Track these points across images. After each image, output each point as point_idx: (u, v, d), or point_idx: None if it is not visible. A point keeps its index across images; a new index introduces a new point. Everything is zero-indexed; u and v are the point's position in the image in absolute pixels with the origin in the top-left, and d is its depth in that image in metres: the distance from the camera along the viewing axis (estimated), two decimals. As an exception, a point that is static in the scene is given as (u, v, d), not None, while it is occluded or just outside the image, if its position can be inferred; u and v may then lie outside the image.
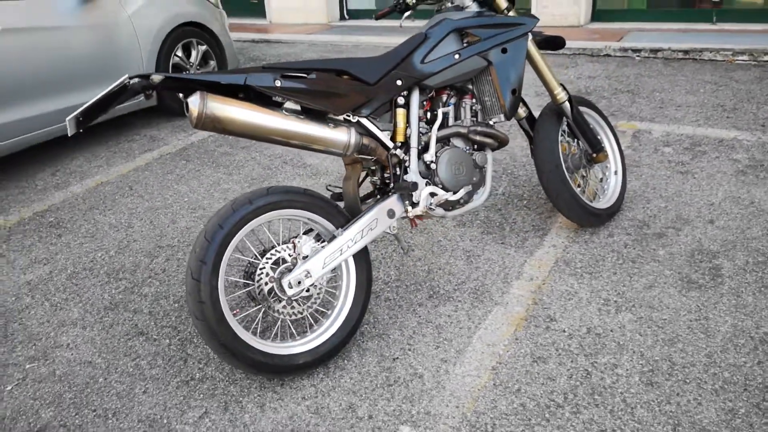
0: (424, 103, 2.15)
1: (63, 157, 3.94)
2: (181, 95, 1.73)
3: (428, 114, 2.17)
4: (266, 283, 1.84)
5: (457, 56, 2.11)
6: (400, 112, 2.04)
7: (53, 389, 1.94)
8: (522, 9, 6.98)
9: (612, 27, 6.29)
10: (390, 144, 2.01)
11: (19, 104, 3.43)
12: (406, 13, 2.46)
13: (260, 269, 1.83)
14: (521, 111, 2.54)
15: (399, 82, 2.00)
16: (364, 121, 1.95)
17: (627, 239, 2.53)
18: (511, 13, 2.31)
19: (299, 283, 1.83)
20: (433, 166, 2.09)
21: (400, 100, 2.04)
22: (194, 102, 1.66)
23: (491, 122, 2.26)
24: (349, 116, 1.92)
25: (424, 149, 2.11)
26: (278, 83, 1.77)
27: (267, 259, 1.85)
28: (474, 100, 2.24)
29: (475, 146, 2.24)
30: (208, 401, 1.85)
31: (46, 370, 2.03)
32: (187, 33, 4.48)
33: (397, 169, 2.05)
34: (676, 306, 2.11)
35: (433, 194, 2.07)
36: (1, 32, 3.28)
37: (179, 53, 4.47)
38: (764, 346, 1.90)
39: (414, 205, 2.06)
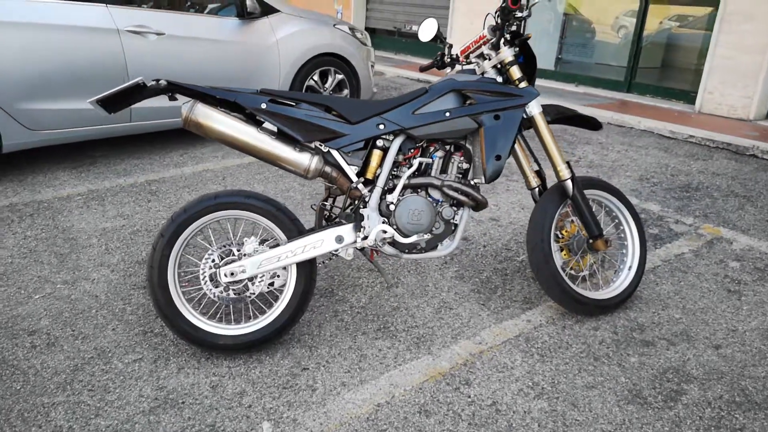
0: (412, 150, 2.31)
1: (197, 143, 4.74)
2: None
3: (411, 161, 2.32)
4: (210, 267, 2.16)
5: (447, 114, 2.24)
6: (376, 153, 2.24)
7: (60, 307, 2.47)
8: (691, 92, 6.49)
9: (786, 128, 5.56)
10: (354, 178, 2.21)
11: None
12: (446, 69, 2.64)
13: (208, 255, 2.16)
14: (533, 181, 2.55)
15: (381, 126, 2.21)
16: (334, 152, 2.19)
17: (609, 337, 2.37)
18: (522, 85, 2.37)
19: (233, 274, 2.12)
20: (392, 207, 2.23)
21: (380, 143, 2.24)
22: (185, 107, 2.07)
23: (473, 182, 2.33)
24: (319, 145, 2.17)
25: (390, 191, 2.26)
26: (264, 106, 2.10)
27: (218, 248, 2.17)
28: (462, 158, 2.34)
29: (454, 201, 2.33)
30: (148, 351, 2.22)
31: (67, 292, 2.58)
32: (326, 62, 5.08)
33: (357, 202, 2.24)
34: (600, 413, 1.96)
35: (384, 232, 2.21)
36: (167, 37, 4.13)
37: (316, 77, 5.08)
38: (660, 482, 1.70)
39: (365, 238, 2.22)
